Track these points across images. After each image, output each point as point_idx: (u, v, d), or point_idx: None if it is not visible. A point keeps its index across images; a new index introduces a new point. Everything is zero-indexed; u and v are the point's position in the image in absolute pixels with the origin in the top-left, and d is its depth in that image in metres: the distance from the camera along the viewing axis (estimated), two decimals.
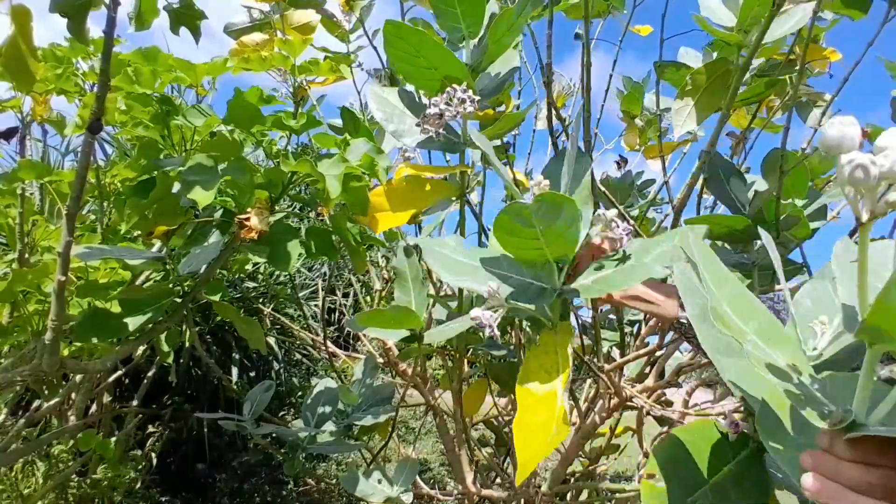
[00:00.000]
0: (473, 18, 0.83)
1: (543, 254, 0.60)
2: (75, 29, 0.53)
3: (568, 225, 0.55)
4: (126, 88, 0.73)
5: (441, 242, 0.71)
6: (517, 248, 0.60)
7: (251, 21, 1.12)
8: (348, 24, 1.23)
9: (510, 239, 0.58)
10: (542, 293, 0.63)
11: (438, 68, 0.79)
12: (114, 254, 0.90)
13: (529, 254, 0.61)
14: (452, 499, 1.20)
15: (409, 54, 0.78)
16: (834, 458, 0.32)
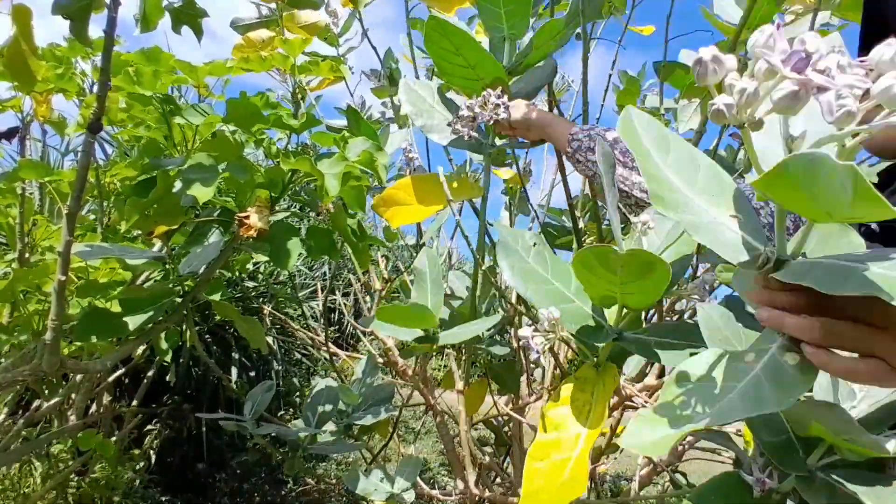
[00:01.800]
0: (517, 20, 0.82)
1: (615, 299, 0.56)
2: (78, 31, 0.53)
3: (652, 286, 0.51)
4: (127, 89, 0.73)
5: (518, 236, 0.66)
6: (591, 284, 0.56)
7: (259, 17, 1.12)
8: (336, 27, 1.23)
9: (586, 274, 0.54)
10: (598, 332, 0.59)
11: (476, 68, 0.80)
12: (114, 253, 0.90)
13: (601, 293, 0.56)
14: (452, 499, 1.19)
15: (448, 52, 0.78)
16: (768, 290, 0.37)
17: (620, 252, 0.48)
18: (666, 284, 0.50)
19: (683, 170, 0.40)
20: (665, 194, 0.38)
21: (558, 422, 0.55)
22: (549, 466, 0.52)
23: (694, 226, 0.38)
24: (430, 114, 0.87)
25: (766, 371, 0.35)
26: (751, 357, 0.36)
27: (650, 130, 0.43)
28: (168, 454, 2.01)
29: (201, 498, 2.03)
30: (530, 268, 0.63)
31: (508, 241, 0.65)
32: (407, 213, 0.88)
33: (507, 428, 1.58)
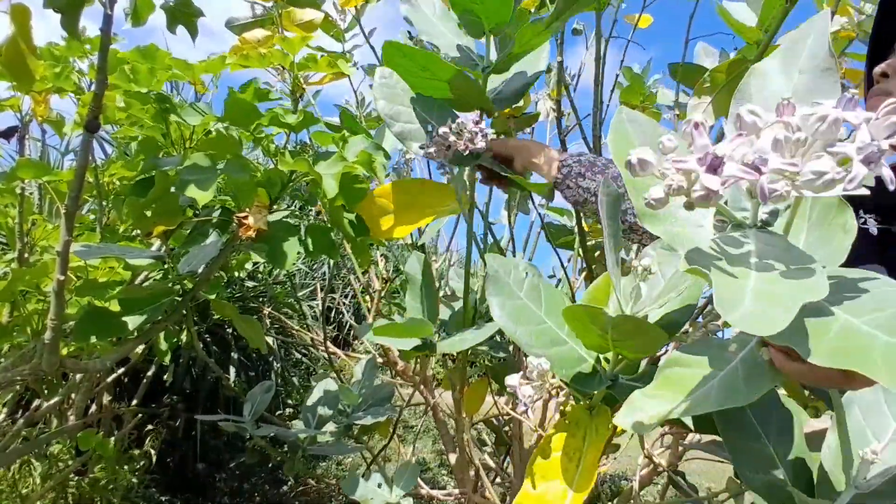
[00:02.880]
0: (499, 12, 0.74)
1: (608, 347, 0.51)
2: (69, 25, 0.53)
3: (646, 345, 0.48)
4: (123, 86, 0.73)
5: (510, 266, 0.60)
6: (583, 336, 0.52)
7: (254, 17, 1.11)
8: (343, 22, 1.23)
9: (578, 327, 0.51)
10: (592, 378, 0.55)
11: (450, 83, 0.74)
12: (113, 252, 0.90)
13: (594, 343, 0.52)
14: (453, 499, 1.19)
15: (414, 71, 0.74)
16: None
17: (609, 316, 0.45)
18: (661, 344, 0.48)
19: None
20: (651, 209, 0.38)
21: (545, 473, 0.52)
22: None
23: (676, 237, 0.37)
24: (408, 117, 0.79)
25: (743, 363, 0.36)
26: (734, 347, 0.37)
27: (643, 134, 0.42)
28: (167, 454, 2.01)
29: (201, 498, 2.03)
30: (522, 305, 0.58)
31: (499, 273, 0.60)
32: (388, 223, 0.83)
33: (507, 428, 1.58)
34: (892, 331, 0.27)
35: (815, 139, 0.29)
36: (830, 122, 0.29)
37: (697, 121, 0.31)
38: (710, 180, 0.30)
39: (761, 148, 0.30)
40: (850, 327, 0.29)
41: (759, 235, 0.34)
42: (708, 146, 0.31)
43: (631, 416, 0.36)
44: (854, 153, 0.28)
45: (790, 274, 0.30)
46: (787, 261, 0.31)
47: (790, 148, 0.30)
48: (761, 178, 0.29)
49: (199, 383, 2.04)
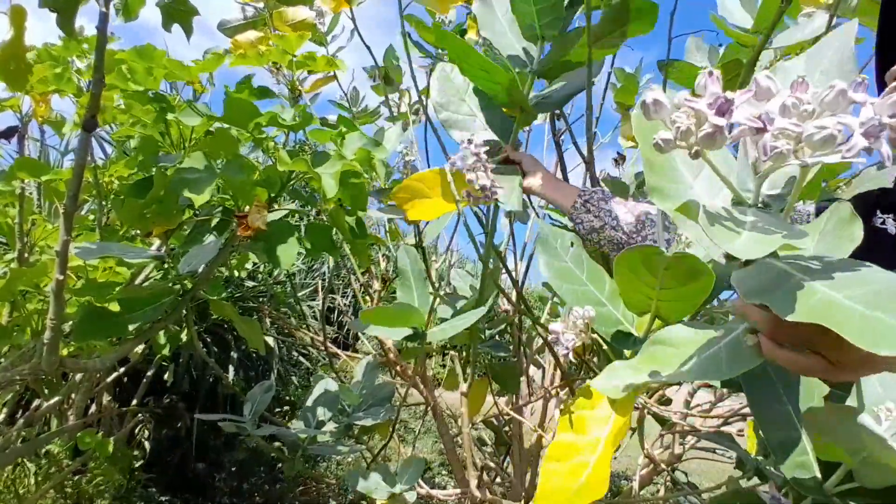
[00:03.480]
0: (550, 19, 0.79)
1: (648, 307, 0.54)
2: (64, 24, 0.53)
3: (691, 296, 0.50)
4: (121, 86, 0.72)
5: (558, 234, 0.66)
6: (630, 288, 0.54)
7: (245, 18, 1.11)
8: (322, 25, 1.22)
9: (628, 275, 0.52)
10: (627, 339, 0.59)
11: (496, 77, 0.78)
12: (113, 252, 0.90)
13: (637, 297, 0.55)
14: (453, 499, 1.19)
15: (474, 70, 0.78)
16: None
17: (665, 255, 0.47)
18: (705, 297, 0.49)
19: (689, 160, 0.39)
20: (664, 184, 0.39)
21: (579, 423, 0.54)
22: (567, 469, 0.51)
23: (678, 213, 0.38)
24: (457, 107, 0.84)
25: (727, 346, 0.38)
26: (720, 332, 0.39)
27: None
28: (167, 454, 2.01)
29: (200, 497, 2.03)
30: (567, 267, 0.63)
31: (549, 238, 0.65)
32: (426, 207, 0.85)
33: (507, 428, 1.58)
34: (870, 304, 0.29)
35: (822, 110, 0.31)
36: (836, 93, 0.30)
37: (712, 71, 0.33)
38: (717, 119, 0.31)
39: (769, 109, 0.31)
40: (830, 299, 0.31)
41: (758, 213, 0.36)
42: (719, 93, 0.32)
43: (608, 382, 0.39)
44: (856, 125, 0.30)
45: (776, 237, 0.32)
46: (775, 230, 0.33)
47: (798, 116, 0.31)
48: (765, 136, 0.31)
49: (199, 383, 2.04)
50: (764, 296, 0.32)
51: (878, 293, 0.30)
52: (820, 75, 0.39)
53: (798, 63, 0.41)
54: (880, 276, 0.32)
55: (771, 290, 0.33)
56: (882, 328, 0.28)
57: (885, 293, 0.30)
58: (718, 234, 0.31)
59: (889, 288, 0.30)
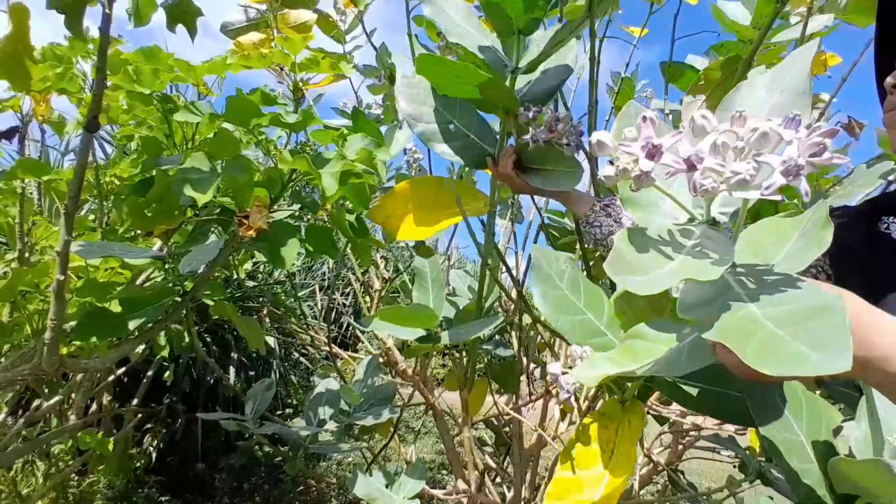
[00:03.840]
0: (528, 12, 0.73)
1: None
2: (72, 25, 0.53)
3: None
4: (126, 87, 0.73)
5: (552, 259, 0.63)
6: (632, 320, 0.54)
7: (248, 20, 1.11)
8: (343, 24, 1.23)
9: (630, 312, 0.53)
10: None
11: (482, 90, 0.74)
12: (114, 252, 0.90)
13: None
14: (453, 498, 1.19)
15: (446, 78, 0.74)
16: None
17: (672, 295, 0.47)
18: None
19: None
20: (635, 195, 0.42)
21: (580, 459, 0.53)
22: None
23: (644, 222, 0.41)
24: (431, 116, 0.79)
25: (690, 344, 0.41)
26: (688, 330, 0.42)
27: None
28: (167, 454, 2.01)
29: (201, 498, 2.03)
30: (562, 295, 0.61)
31: (542, 264, 0.63)
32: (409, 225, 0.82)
33: (507, 428, 1.58)
34: (781, 323, 0.31)
35: (750, 148, 0.34)
36: (759, 135, 0.33)
37: (648, 116, 0.36)
38: (646, 164, 0.35)
39: (700, 148, 0.34)
40: (750, 315, 0.33)
41: (707, 230, 0.39)
42: (651, 137, 0.36)
43: (587, 372, 0.43)
44: (776, 164, 0.33)
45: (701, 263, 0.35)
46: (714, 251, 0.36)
47: (730, 153, 0.34)
48: (695, 174, 0.34)
49: (199, 383, 2.04)
50: (692, 312, 0.35)
51: (793, 312, 0.31)
52: (780, 95, 0.43)
53: (762, 80, 0.44)
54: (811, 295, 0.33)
55: (702, 306, 0.35)
56: (777, 348, 0.29)
57: (800, 312, 0.31)
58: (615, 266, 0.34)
59: (807, 307, 0.31)
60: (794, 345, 0.29)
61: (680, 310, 0.35)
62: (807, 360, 0.28)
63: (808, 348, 0.29)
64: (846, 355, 0.27)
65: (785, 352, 0.29)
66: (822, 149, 0.32)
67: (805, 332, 0.30)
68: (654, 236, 0.37)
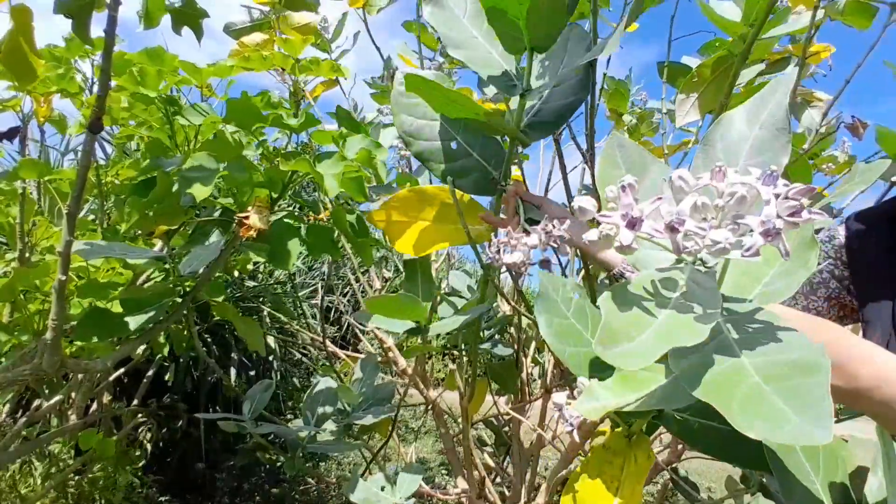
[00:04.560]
0: (544, 28, 0.62)
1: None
2: (79, 29, 0.53)
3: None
4: (131, 89, 0.73)
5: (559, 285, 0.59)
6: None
7: (251, 21, 1.12)
8: (327, 33, 1.23)
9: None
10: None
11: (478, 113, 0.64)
12: (115, 252, 0.90)
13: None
14: (452, 498, 1.20)
15: (440, 101, 0.65)
16: None
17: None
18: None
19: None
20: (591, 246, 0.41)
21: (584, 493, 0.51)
22: None
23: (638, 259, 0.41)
24: (430, 131, 0.70)
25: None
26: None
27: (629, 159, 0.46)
28: (168, 454, 2.01)
29: (201, 497, 2.03)
30: (569, 324, 0.57)
31: (549, 291, 0.59)
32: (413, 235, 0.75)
33: (507, 428, 1.58)
34: (768, 377, 0.30)
35: (731, 208, 0.34)
36: (738, 199, 0.34)
37: (627, 183, 0.37)
38: (626, 235, 0.35)
39: (681, 210, 0.35)
40: (738, 365, 0.32)
41: (693, 273, 0.38)
42: (631, 205, 0.36)
43: (587, 404, 0.41)
44: (756, 226, 0.33)
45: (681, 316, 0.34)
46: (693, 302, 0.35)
47: (711, 211, 0.35)
48: (677, 236, 0.34)
49: (200, 383, 2.04)
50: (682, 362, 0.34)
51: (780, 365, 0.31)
52: (759, 129, 0.43)
53: (740, 115, 0.44)
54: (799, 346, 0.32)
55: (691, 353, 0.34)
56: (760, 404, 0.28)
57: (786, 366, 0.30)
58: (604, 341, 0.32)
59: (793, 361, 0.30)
60: (779, 403, 0.28)
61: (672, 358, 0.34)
62: (787, 422, 0.27)
63: (792, 411, 0.28)
64: (826, 426, 0.26)
65: (768, 409, 0.28)
66: (799, 208, 0.33)
67: (789, 390, 0.29)
68: (638, 290, 0.37)
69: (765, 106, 0.43)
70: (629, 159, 0.48)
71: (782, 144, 0.41)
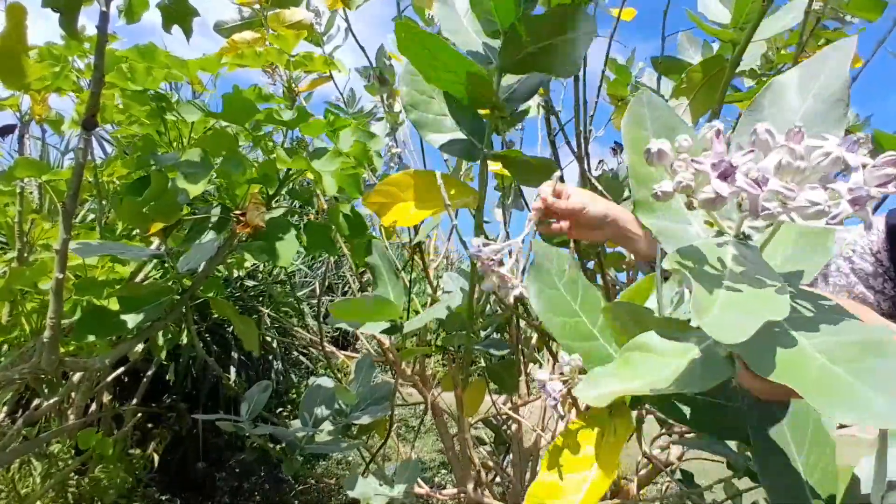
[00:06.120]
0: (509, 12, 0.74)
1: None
2: (67, 24, 0.53)
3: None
4: (120, 85, 0.73)
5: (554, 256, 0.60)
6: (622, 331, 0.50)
7: (242, 19, 1.12)
8: (319, 26, 1.22)
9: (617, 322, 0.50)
10: None
11: (458, 72, 0.73)
12: (113, 250, 0.90)
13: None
14: (452, 498, 1.19)
15: (426, 58, 0.73)
16: None
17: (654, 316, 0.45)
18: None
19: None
20: (649, 197, 0.38)
21: (564, 464, 0.52)
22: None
23: (663, 231, 0.38)
24: (426, 106, 0.81)
25: (702, 355, 0.38)
26: (694, 339, 0.39)
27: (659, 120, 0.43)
28: (168, 453, 2.01)
29: (201, 497, 2.03)
30: (559, 295, 0.58)
31: (543, 261, 0.60)
32: (400, 212, 0.82)
33: (506, 427, 1.58)
34: (829, 355, 0.29)
35: (815, 171, 0.31)
36: (833, 159, 0.31)
37: (719, 128, 0.33)
38: (721, 186, 0.31)
39: (765, 167, 0.32)
40: (800, 346, 0.30)
41: (739, 247, 0.35)
42: (724, 154, 0.33)
43: (592, 390, 0.38)
44: (846, 192, 0.30)
45: (758, 290, 0.32)
46: (758, 276, 0.33)
47: (789, 175, 0.32)
48: (759, 196, 0.31)
49: (200, 383, 2.04)
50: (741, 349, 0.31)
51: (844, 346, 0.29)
52: (812, 100, 0.39)
53: (791, 80, 0.40)
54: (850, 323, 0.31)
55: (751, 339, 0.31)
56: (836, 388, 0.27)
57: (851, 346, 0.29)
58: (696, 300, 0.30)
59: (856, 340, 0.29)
60: (857, 385, 0.26)
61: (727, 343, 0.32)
62: (873, 405, 0.25)
63: (874, 391, 0.26)
64: None
65: (847, 392, 0.26)
66: (889, 177, 0.31)
67: (865, 371, 0.27)
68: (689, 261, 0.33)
69: (820, 74, 0.39)
70: (658, 120, 0.44)
71: (838, 117, 0.38)
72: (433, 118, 0.80)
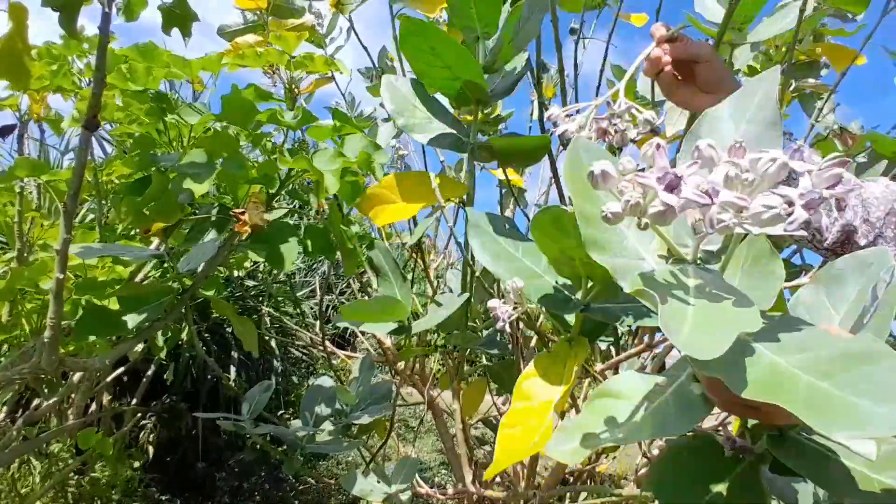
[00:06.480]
0: (489, 19, 0.82)
1: (574, 266, 0.57)
2: (67, 23, 0.53)
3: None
4: (120, 85, 0.73)
5: (490, 219, 0.68)
6: (549, 250, 0.58)
7: (245, 23, 1.12)
8: (321, 28, 1.23)
9: (545, 240, 0.56)
10: (566, 304, 0.61)
11: (454, 69, 0.79)
12: (113, 251, 0.90)
13: (560, 259, 0.58)
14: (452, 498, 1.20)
15: (424, 52, 0.77)
16: None
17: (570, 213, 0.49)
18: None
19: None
20: (599, 235, 0.39)
21: (528, 392, 0.58)
22: (521, 432, 0.54)
23: (618, 268, 0.37)
24: (411, 112, 0.86)
25: (674, 396, 0.37)
26: (663, 381, 0.38)
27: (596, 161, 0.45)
28: (167, 453, 2.01)
29: (201, 497, 2.03)
30: (501, 248, 0.65)
31: (480, 223, 0.67)
32: (391, 211, 0.86)
33: None
34: (812, 372, 0.28)
35: (763, 180, 0.32)
36: (779, 166, 0.31)
37: (659, 142, 0.33)
38: (669, 198, 0.31)
39: (713, 181, 0.32)
40: (776, 366, 0.30)
41: (698, 271, 0.35)
42: (667, 167, 0.33)
43: (564, 445, 0.36)
44: (797, 197, 0.30)
45: (727, 306, 0.32)
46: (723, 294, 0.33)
47: (738, 187, 0.32)
48: (712, 209, 0.31)
49: (200, 382, 2.04)
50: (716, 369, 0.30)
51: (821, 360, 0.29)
52: (746, 125, 0.40)
53: (724, 111, 0.42)
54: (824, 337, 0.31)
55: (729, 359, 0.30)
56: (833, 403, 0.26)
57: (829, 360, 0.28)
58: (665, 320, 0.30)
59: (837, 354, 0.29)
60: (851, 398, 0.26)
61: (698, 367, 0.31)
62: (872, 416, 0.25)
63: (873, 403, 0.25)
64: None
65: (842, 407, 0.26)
66: (837, 178, 0.31)
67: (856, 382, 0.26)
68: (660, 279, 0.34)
69: (748, 101, 0.41)
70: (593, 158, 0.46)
71: (773, 139, 0.39)
72: (419, 122, 0.85)
